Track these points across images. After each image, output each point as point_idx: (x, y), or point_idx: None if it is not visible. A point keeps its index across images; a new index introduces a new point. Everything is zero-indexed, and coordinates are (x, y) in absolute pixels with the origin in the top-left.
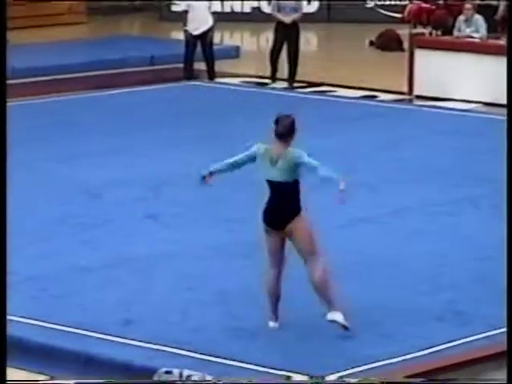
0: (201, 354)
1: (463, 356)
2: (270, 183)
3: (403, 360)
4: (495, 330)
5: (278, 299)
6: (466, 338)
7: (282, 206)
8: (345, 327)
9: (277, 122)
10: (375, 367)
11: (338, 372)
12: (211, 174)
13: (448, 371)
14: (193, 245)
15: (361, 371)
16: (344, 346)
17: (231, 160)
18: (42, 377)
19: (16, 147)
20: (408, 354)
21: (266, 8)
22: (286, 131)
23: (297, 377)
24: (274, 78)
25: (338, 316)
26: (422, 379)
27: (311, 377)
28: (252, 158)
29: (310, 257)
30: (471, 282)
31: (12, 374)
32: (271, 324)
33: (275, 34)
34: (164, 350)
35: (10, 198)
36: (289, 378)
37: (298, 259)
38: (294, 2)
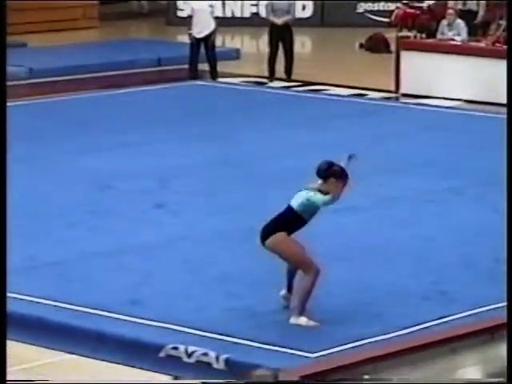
0: (203, 331)
1: (448, 332)
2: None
3: (391, 337)
4: (478, 308)
5: (291, 276)
6: (450, 316)
7: (267, 226)
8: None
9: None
10: (363, 344)
11: (331, 349)
12: None
13: (432, 347)
14: (196, 231)
15: (351, 348)
16: (336, 325)
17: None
18: (58, 353)
19: (33, 142)
20: (396, 331)
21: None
22: (322, 172)
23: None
24: (271, 77)
25: (301, 320)
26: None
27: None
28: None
29: (299, 266)
30: (455, 265)
31: (28, 350)
32: (282, 292)
33: (270, 37)
34: (169, 328)
35: (28, 189)
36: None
37: None
38: (286, 4)
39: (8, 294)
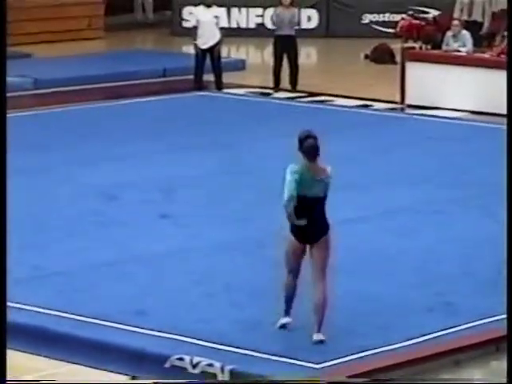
0: (208, 342)
1: (452, 344)
2: (310, 199)
3: (396, 348)
4: (482, 319)
5: (293, 299)
6: (454, 327)
7: (318, 221)
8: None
9: (303, 140)
10: (369, 355)
11: (335, 360)
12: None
13: (436, 359)
14: (201, 242)
15: (355, 359)
16: (340, 336)
17: (288, 198)
18: (62, 364)
19: (39, 152)
20: (400, 342)
21: (270, 24)
22: (317, 150)
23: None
24: (277, 88)
25: (322, 336)
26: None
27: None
28: (297, 181)
29: (320, 275)
30: (459, 276)
31: (32, 360)
32: (283, 320)
33: (274, 47)
34: (174, 339)
35: (32, 199)
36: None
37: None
38: (290, 14)
39: (12, 304)
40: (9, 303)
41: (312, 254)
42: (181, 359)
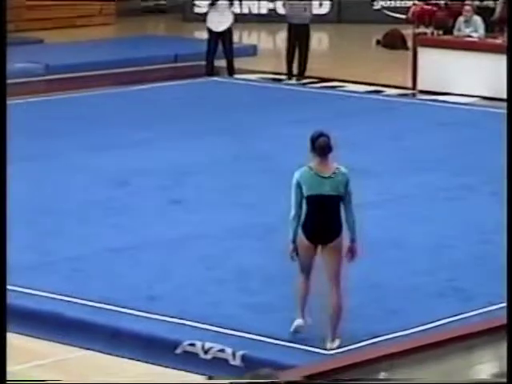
0: (220, 327)
1: (464, 330)
2: (320, 197)
3: (408, 334)
4: (494, 305)
5: (306, 300)
6: (466, 313)
7: (332, 221)
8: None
9: (317, 146)
10: (381, 341)
11: (347, 346)
12: (294, 242)
13: (448, 344)
14: (212, 228)
15: (367, 345)
16: (352, 322)
17: (294, 215)
18: (74, 349)
19: (51, 138)
20: (412, 328)
21: (282, 9)
22: (328, 148)
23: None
24: (289, 74)
25: (336, 343)
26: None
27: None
28: (300, 187)
29: (334, 279)
30: (470, 262)
31: (44, 346)
32: (298, 322)
33: (288, 35)
34: (186, 324)
35: (44, 185)
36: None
37: None
38: (303, 2)
39: (24, 290)
40: (20, 289)
41: (324, 257)
42: (192, 345)
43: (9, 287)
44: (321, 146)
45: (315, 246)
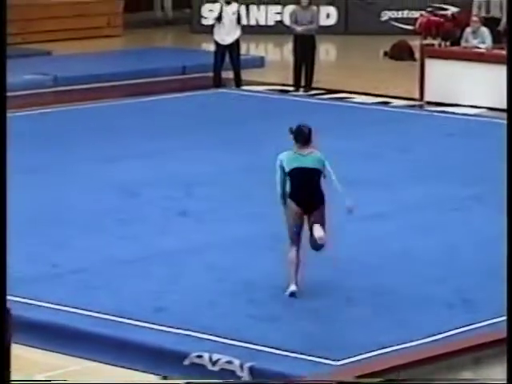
0: (228, 339)
1: (472, 341)
2: (303, 170)
3: (416, 345)
4: (502, 316)
5: (297, 268)
6: (473, 324)
7: (314, 191)
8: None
9: (297, 132)
10: (387, 352)
11: (354, 356)
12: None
13: (456, 355)
14: (220, 238)
15: (375, 356)
16: (360, 332)
17: (281, 193)
18: (82, 361)
19: (59, 150)
20: (420, 339)
21: (288, 21)
22: (308, 138)
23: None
24: (297, 86)
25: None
26: (381, 379)
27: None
28: (282, 166)
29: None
30: (479, 273)
31: (52, 358)
32: (291, 288)
33: (294, 46)
34: (194, 336)
35: (54, 196)
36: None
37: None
38: (309, 14)
39: (32, 302)
40: (28, 300)
41: (310, 220)
42: (200, 356)
43: (17, 299)
44: (301, 135)
45: (303, 212)
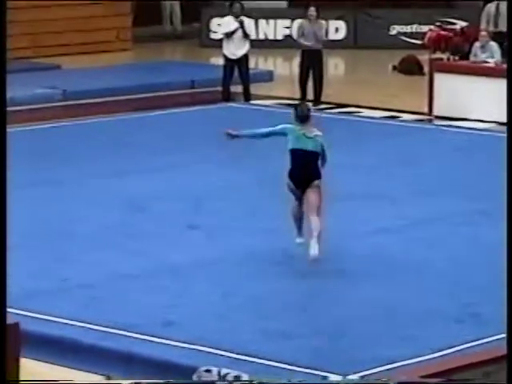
0: (236, 353)
1: (481, 355)
2: (305, 152)
3: (423, 360)
4: None
5: (301, 220)
6: (482, 339)
7: (312, 171)
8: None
9: (296, 109)
10: (397, 367)
11: (363, 371)
12: (237, 136)
13: (465, 370)
14: (230, 253)
15: (384, 371)
16: (368, 347)
17: (266, 130)
18: (89, 375)
19: (67, 164)
20: (428, 354)
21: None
22: (308, 116)
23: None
24: (304, 100)
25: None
26: (440, 379)
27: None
28: (283, 133)
29: (316, 212)
30: (488, 287)
31: (60, 372)
32: (298, 240)
33: (301, 60)
34: (202, 350)
35: (62, 211)
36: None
37: None
38: (316, 28)
39: (39, 316)
40: (36, 314)
41: (306, 196)
42: (208, 371)
43: (25, 313)
44: (302, 113)
45: (301, 190)
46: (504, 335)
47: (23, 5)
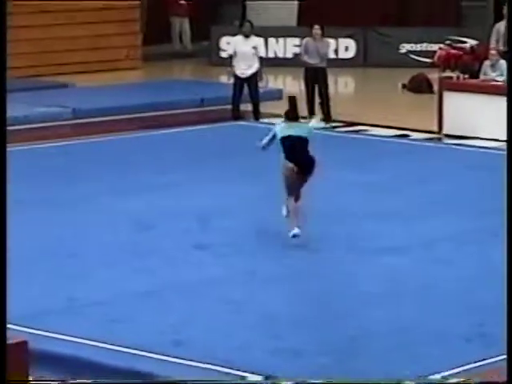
0: (247, 372)
1: (489, 375)
2: (296, 138)
3: (433, 379)
4: None
5: (297, 214)
6: (491, 358)
7: (304, 154)
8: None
9: (287, 114)
10: None
11: None
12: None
13: None
14: (238, 271)
15: None
16: (376, 365)
17: (270, 135)
18: None
19: (76, 183)
20: (437, 373)
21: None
22: (297, 117)
23: None
24: (311, 116)
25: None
26: None
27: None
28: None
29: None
30: (497, 307)
31: None
32: (295, 231)
33: (305, 77)
34: (213, 369)
35: (69, 229)
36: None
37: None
38: (320, 46)
39: (50, 335)
40: (47, 333)
41: (304, 179)
42: None
43: (35, 331)
44: (292, 115)
45: (299, 170)
46: None
47: (34, 23)
